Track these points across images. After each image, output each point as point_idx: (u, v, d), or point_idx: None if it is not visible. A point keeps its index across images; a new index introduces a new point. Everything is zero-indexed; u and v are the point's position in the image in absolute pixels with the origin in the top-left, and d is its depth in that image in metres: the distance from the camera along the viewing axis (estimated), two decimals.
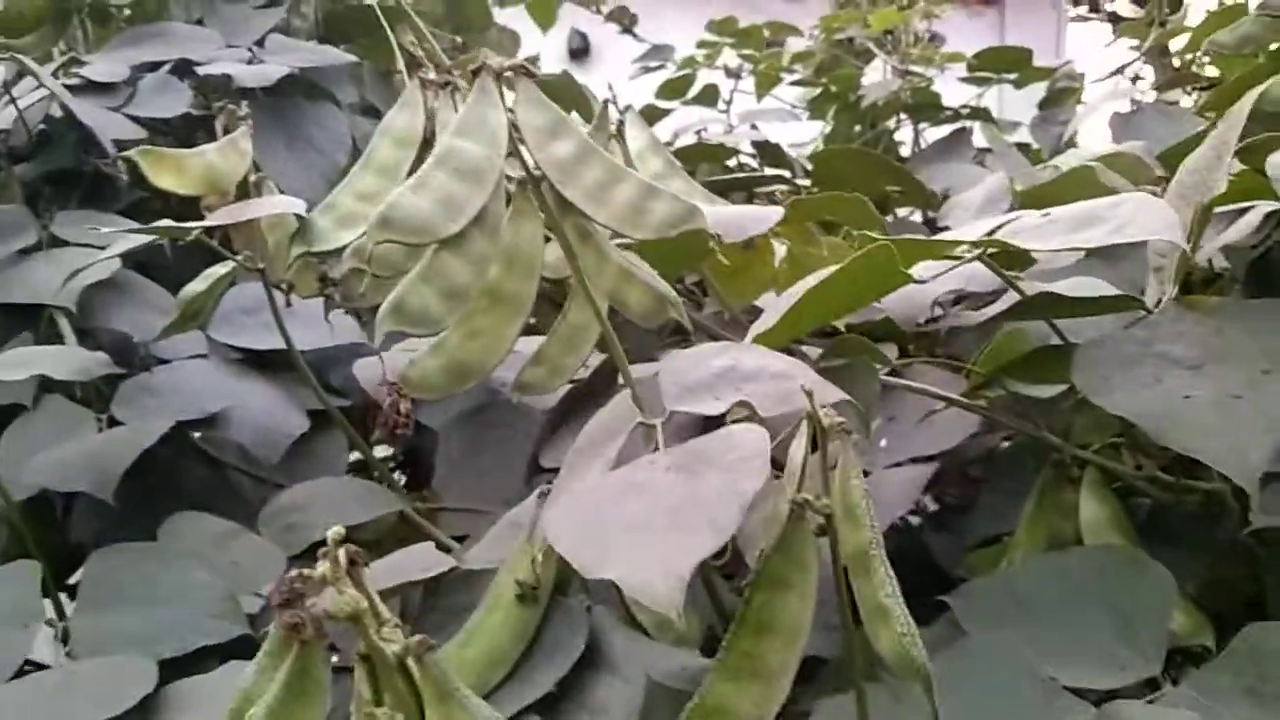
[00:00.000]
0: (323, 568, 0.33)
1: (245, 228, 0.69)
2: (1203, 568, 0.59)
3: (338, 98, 0.98)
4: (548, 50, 1.57)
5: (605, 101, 0.84)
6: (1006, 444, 0.72)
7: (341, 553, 0.33)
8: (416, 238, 0.45)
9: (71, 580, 0.67)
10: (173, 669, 0.55)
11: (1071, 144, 1.59)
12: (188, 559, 0.61)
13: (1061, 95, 1.69)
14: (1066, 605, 0.53)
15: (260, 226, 0.72)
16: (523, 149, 0.49)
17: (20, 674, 0.54)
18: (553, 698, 0.51)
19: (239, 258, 0.66)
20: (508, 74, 0.49)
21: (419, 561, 0.57)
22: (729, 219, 0.63)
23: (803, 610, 0.39)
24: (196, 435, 0.72)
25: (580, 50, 3.80)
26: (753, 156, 1.30)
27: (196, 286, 0.65)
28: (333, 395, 0.77)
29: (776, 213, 0.64)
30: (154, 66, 0.90)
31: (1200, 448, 0.47)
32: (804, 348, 0.61)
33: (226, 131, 0.66)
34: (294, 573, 0.33)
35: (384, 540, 0.72)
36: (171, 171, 0.61)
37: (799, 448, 0.39)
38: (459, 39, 1.55)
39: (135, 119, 0.84)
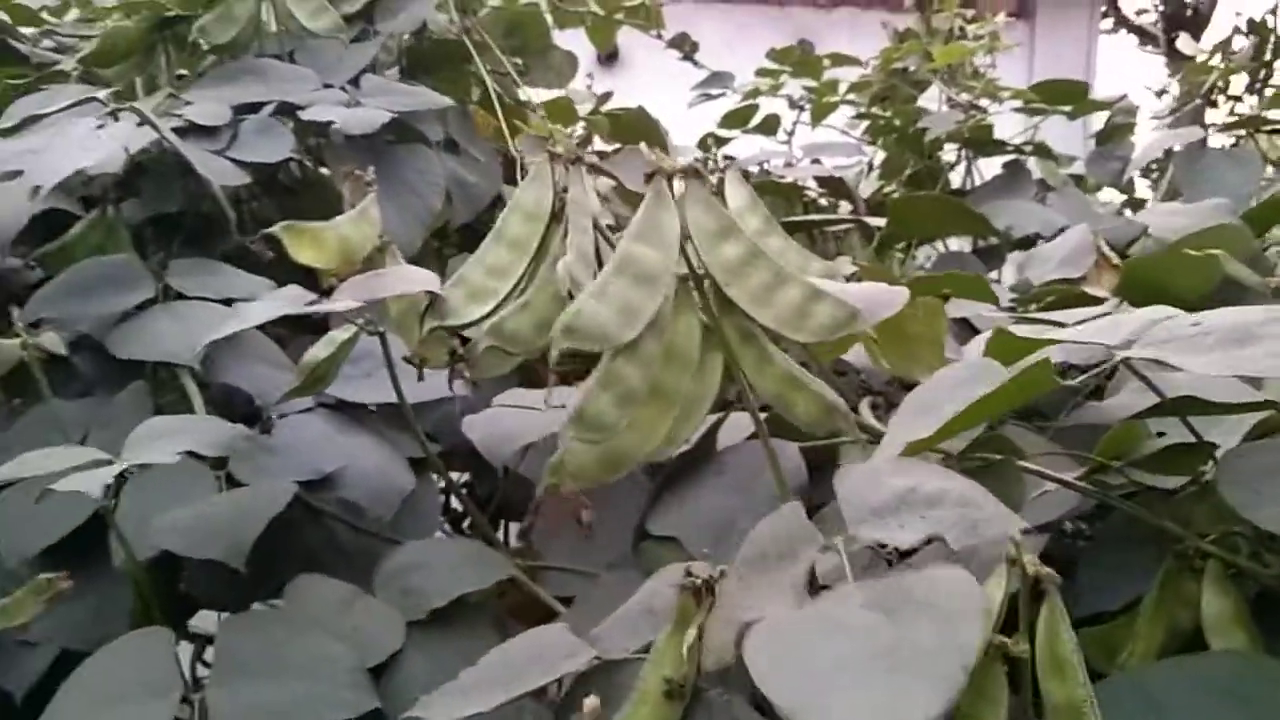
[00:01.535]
0: None
1: None
2: None
3: (428, 137, 0.98)
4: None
5: (705, 158, 0.85)
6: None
7: None
8: (598, 344, 0.46)
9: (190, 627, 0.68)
10: None
11: (1130, 184, 1.60)
12: (315, 628, 0.62)
13: (1119, 131, 1.69)
14: (1205, 714, 0.53)
15: None
16: (690, 250, 0.50)
17: None
18: None
19: (361, 322, 0.66)
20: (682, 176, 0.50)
21: (557, 648, 0.57)
22: (861, 301, 0.63)
23: None
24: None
25: (610, 56, 3.79)
26: (818, 194, 1.30)
27: (320, 351, 0.66)
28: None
29: (902, 294, 0.64)
30: (253, 107, 0.90)
31: None
32: None
33: (354, 196, 0.67)
34: None
35: (487, 600, 0.73)
36: (310, 246, 0.62)
37: (997, 588, 0.40)
38: (519, 61, 1.56)
39: (239, 162, 0.84)
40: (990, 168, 1.62)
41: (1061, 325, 0.84)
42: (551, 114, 1.09)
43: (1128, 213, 1.44)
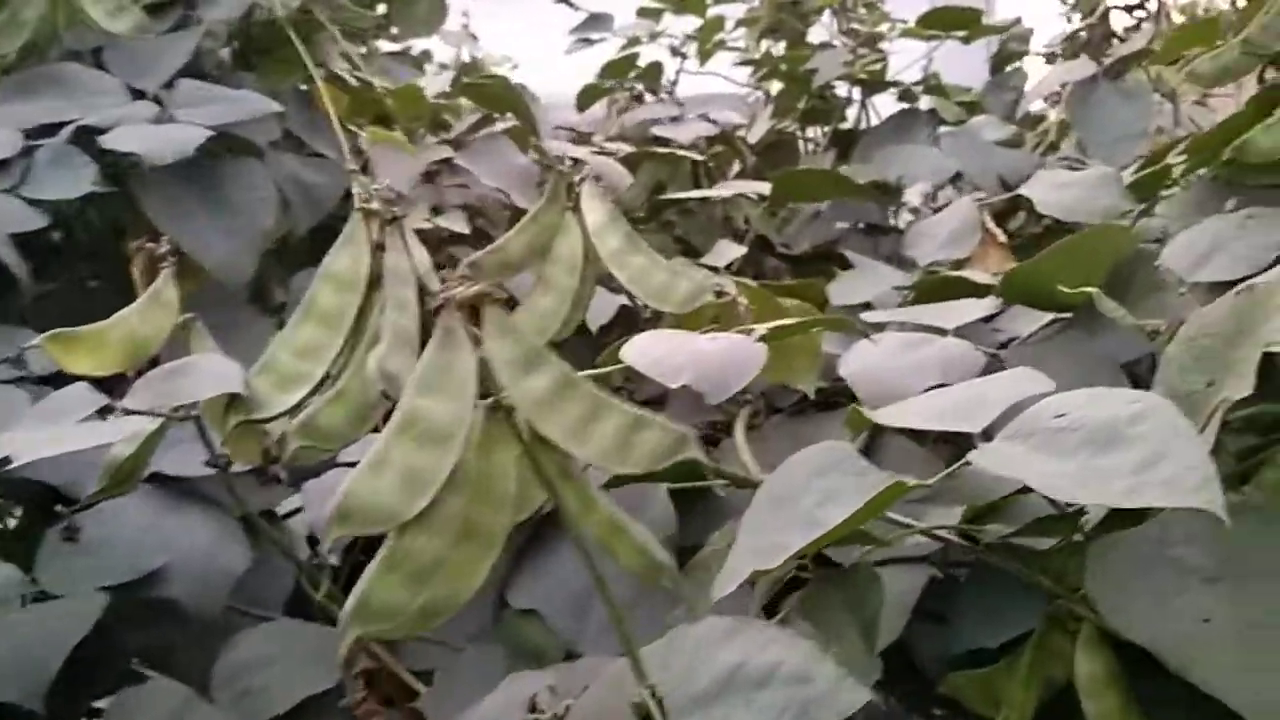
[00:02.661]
0: None
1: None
2: None
3: (257, 142, 0.89)
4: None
5: (556, 170, 0.78)
6: None
7: None
8: (380, 526, 0.40)
9: None
10: None
11: (1027, 115, 1.55)
12: None
13: (1011, 56, 1.64)
14: None
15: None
16: (494, 382, 0.44)
17: None
18: None
19: (169, 414, 0.59)
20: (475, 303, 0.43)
21: None
22: (713, 372, 0.58)
23: None
24: None
25: None
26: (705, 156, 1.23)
27: (124, 449, 0.58)
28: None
29: (759, 355, 0.59)
30: (50, 129, 0.80)
31: (1223, 689, 0.45)
32: None
33: (145, 276, 0.59)
34: None
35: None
36: (88, 354, 0.54)
37: None
38: (381, 9, 1.44)
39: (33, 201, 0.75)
40: (888, 101, 1.56)
41: (942, 332, 0.81)
42: (399, 104, 1.00)
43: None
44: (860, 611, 0.50)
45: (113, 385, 0.59)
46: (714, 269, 0.98)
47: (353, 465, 0.72)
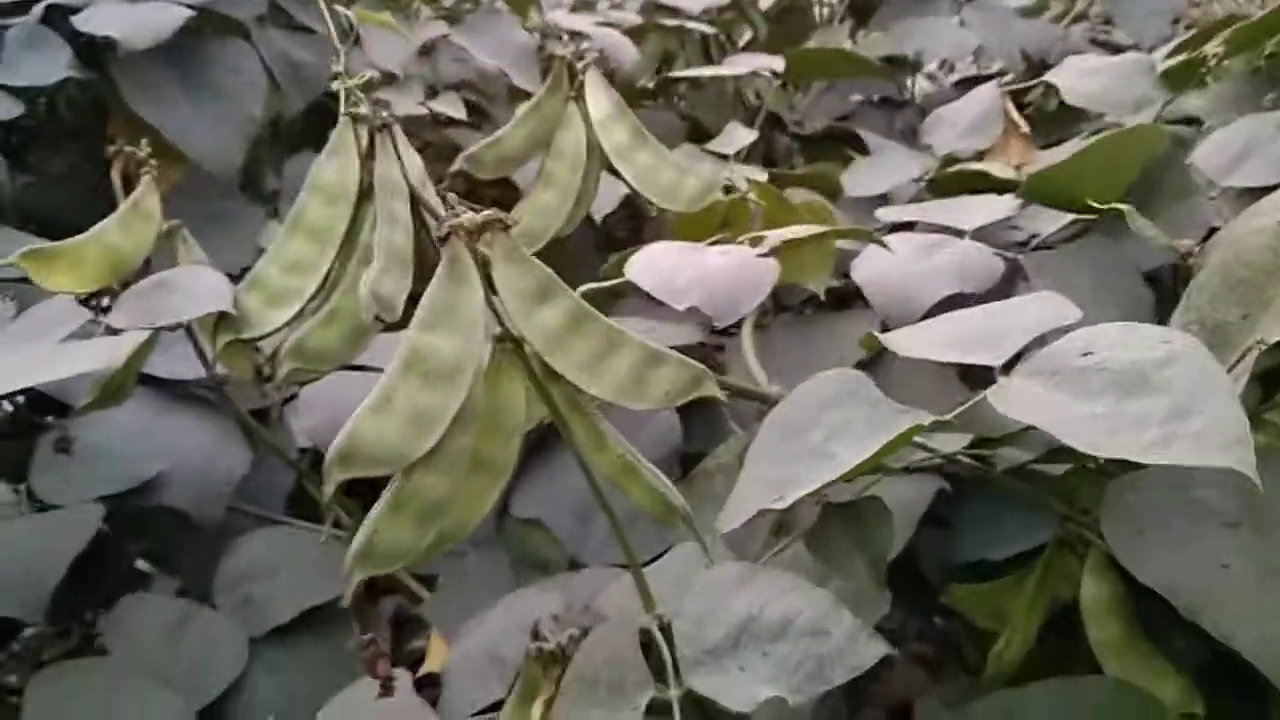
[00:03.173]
0: None
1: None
2: (1206, 651, 0.57)
3: (242, 19, 0.84)
4: None
5: (560, 59, 0.73)
6: None
7: None
8: (385, 468, 0.39)
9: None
10: None
11: None
12: (136, 672, 0.57)
13: None
14: None
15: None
16: (504, 315, 0.42)
17: None
18: None
19: (162, 325, 0.57)
20: (484, 232, 0.41)
21: (391, 713, 0.53)
22: (721, 293, 0.55)
23: None
24: None
25: None
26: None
27: (114, 360, 0.56)
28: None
29: (771, 272, 0.56)
30: (18, 6, 0.75)
31: (1233, 634, 0.44)
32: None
33: (125, 182, 0.55)
34: None
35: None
36: (67, 270, 0.51)
37: None
38: None
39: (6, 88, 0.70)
40: None
41: (960, 234, 0.78)
42: None
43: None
44: (868, 546, 0.49)
45: (97, 295, 0.57)
46: (724, 157, 0.94)
47: (356, 369, 0.71)
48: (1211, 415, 0.40)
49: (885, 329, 0.75)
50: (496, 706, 0.50)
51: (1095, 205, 0.69)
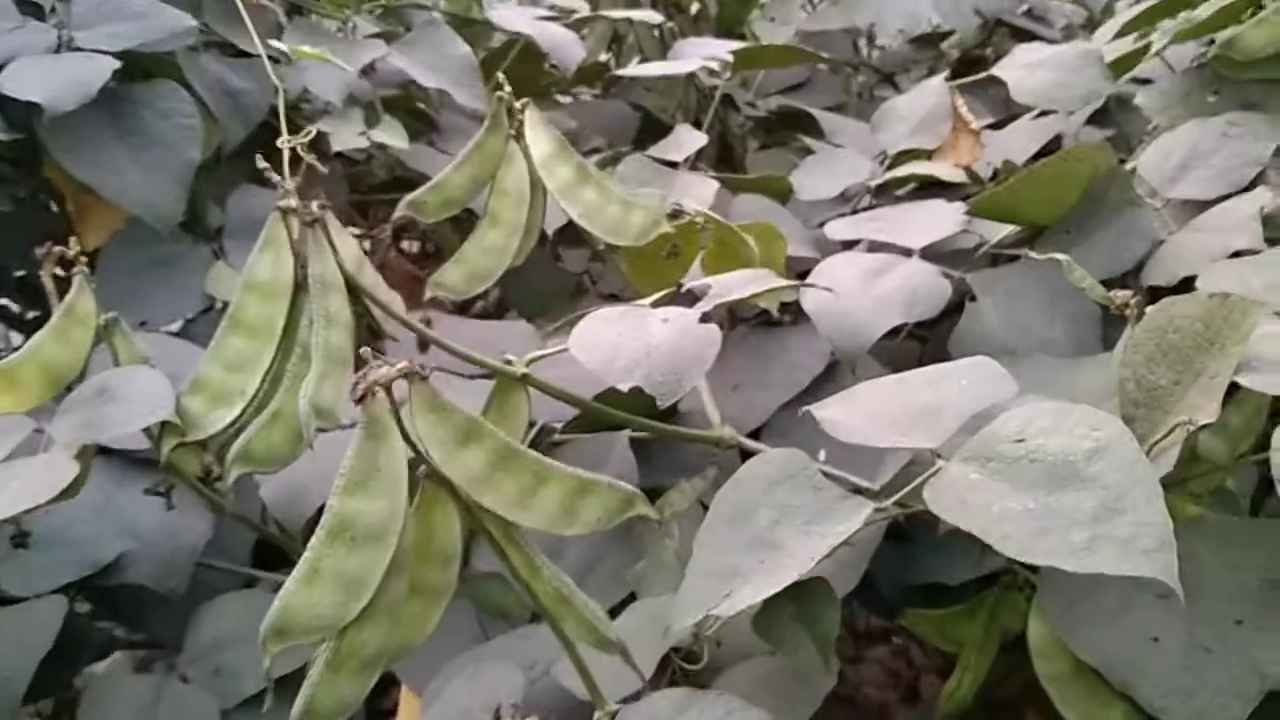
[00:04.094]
0: None
1: None
2: None
3: (173, 53, 0.82)
4: None
5: (498, 98, 0.72)
6: None
7: None
8: (319, 636, 0.39)
9: None
10: None
11: None
12: None
13: None
14: None
15: None
16: (428, 459, 0.42)
17: None
18: None
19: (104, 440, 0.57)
20: (399, 380, 0.41)
21: None
22: (664, 371, 0.56)
23: None
24: None
25: None
26: None
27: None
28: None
29: (712, 347, 0.56)
30: None
31: (1165, 708, 0.46)
32: None
33: (58, 283, 0.54)
34: None
35: None
36: (4, 392, 0.51)
37: None
38: None
39: None
40: None
41: (908, 253, 0.78)
42: None
43: None
44: (814, 626, 0.51)
45: None
46: (672, 164, 0.93)
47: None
48: (1137, 519, 0.41)
49: (834, 356, 0.76)
50: None
51: (1039, 223, 0.69)
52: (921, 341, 0.87)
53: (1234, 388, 0.48)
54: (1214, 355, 0.48)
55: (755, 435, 0.73)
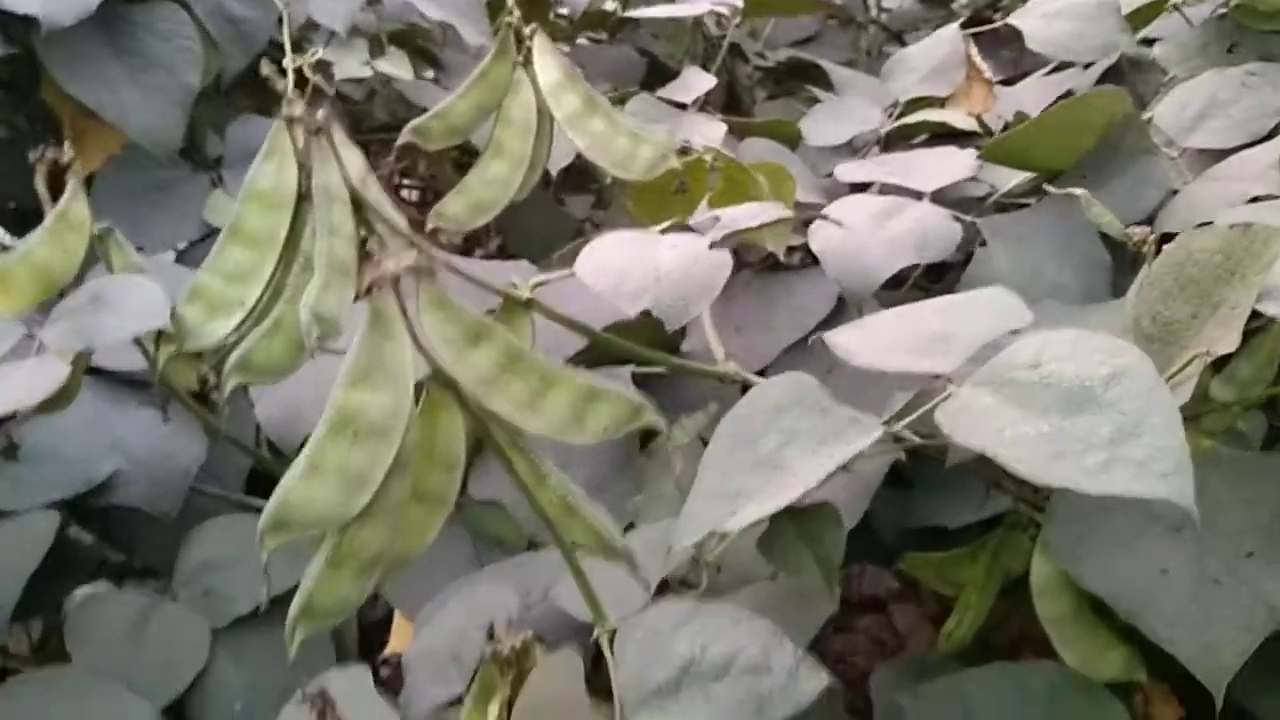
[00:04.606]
0: None
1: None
2: None
3: None
4: None
5: (506, 24, 0.70)
6: None
7: None
8: (321, 529, 0.38)
9: None
10: None
11: None
12: (104, 679, 0.57)
13: None
14: None
15: None
16: (435, 359, 0.41)
17: None
18: None
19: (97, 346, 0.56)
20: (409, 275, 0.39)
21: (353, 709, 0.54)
22: (672, 297, 0.55)
23: None
24: None
25: None
26: None
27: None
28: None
29: (721, 272, 0.55)
30: None
31: (1172, 639, 0.46)
32: None
33: (52, 189, 0.53)
34: None
35: None
36: None
37: None
38: None
39: None
40: None
41: (918, 196, 0.77)
42: None
43: None
44: (818, 547, 0.50)
45: None
46: (681, 105, 0.91)
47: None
48: (1154, 442, 0.41)
49: (841, 299, 0.75)
50: (458, 701, 0.51)
51: (1052, 169, 0.68)
52: (926, 293, 0.86)
53: (1245, 337, 0.47)
54: (1234, 286, 0.47)
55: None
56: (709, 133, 0.84)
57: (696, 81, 0.94)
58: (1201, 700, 0.59)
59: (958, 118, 0.86)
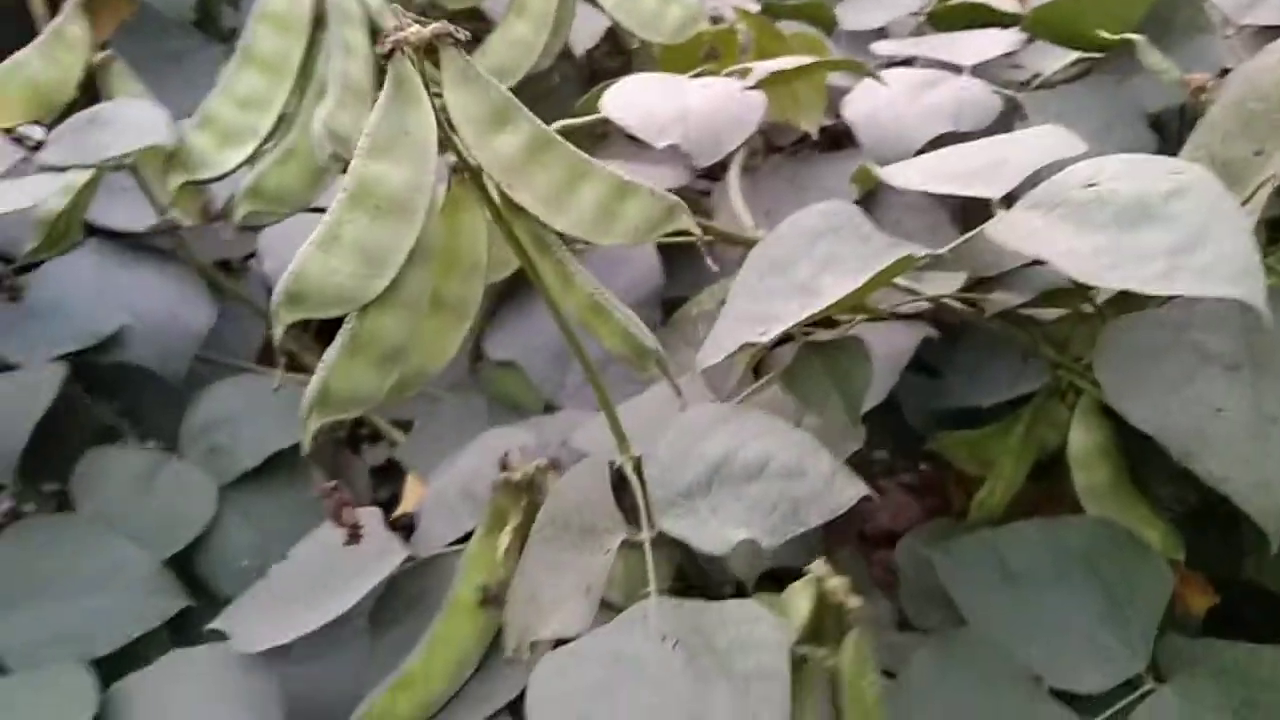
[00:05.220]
0: None
1: None
2: (1193, 497, 0.57)
3: None
4: None
5: None
6: None
7: None
8: (336, 309, 0.36)
9: None
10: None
11: None
12: (103, 528, 0.56)
13: None
14: (1056, 582, 0.51)
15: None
16: (458, 142, 0.39)
17: None
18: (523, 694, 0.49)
19: (104, 162, 0.54)
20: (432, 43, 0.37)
21: (370, 544, 0.52)
22: (702, 131, 0.52)
23: None
24: None
25: None
26: None
27: (56, 202, 0.53)
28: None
29: (757, 105, 0.53)
30: None
31: (1226, 477, 0.43)
32: None
33: (48, 6, 0.51)
34: None
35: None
36: None
37: (804, 598, 0.34)
38: None
39: None
40: None
41: (958, 70, 0.74)
42: None
43: None
44: (845, 384, 0.48)
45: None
46: None
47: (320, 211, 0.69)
48: (1220, 248, 0.38)
49: None
50: (469, 538, 0.50)
51: (1104, 37, 0.65)
52: None
53: None
54: None
55: None
56: (740, 2, 0.81)
57: None
58: (1234, 592, 0.58)
59: (1001, 0, 0.82)
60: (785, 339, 0.57)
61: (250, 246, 0.72)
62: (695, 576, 0.47)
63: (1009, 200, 0.46)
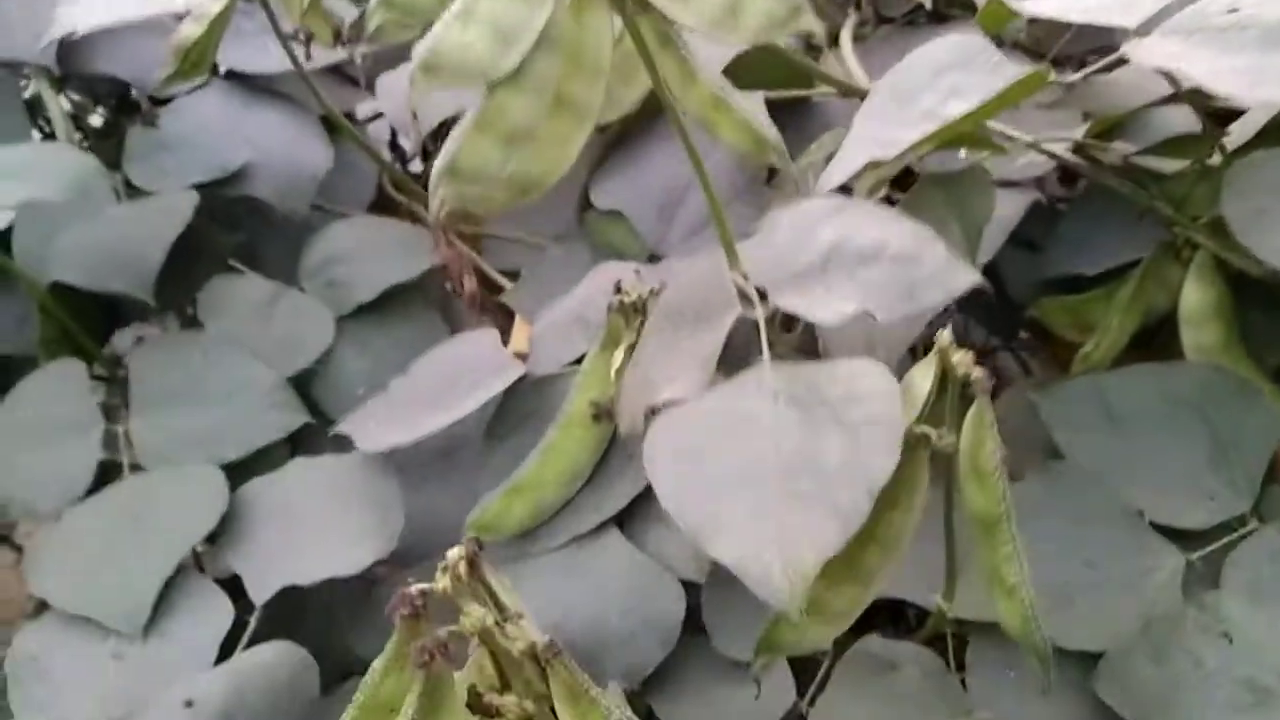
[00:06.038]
0: (443, 583, 0.31)
1: None
2: None
3: None
4: None
5: None
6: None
7: (462, 566, 0.31)
8: (469, 80, 0.37)
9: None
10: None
11: None
12: (230, 346, 0.59)
13: None
14: (1163, 424, 0.51)
15: None
16: None
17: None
18: (630, 507, 0.51)
19: None
20: None
21: (487, 361, 0.54)
22: None
23: (905, 524, 0.37)
24: None
25: None
26: None
27: (191, 30, 0.55)
28: None
29: None
30: None
31: None
32: None
33: None
34: (415, 590, 0.30)
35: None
36: None
37: (925, 377, 0.35)
38: None
39: None
40: None
41: None
42: None
43: None
44: (965, 214, 0.47)
45: None
46: None
47: None
48: None
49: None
50: (581, 361, 0.51)
51: None
52: None
53: None
54: None
55: None
56: None
57: None
58: None
59: None
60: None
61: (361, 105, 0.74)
62: None
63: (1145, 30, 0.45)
